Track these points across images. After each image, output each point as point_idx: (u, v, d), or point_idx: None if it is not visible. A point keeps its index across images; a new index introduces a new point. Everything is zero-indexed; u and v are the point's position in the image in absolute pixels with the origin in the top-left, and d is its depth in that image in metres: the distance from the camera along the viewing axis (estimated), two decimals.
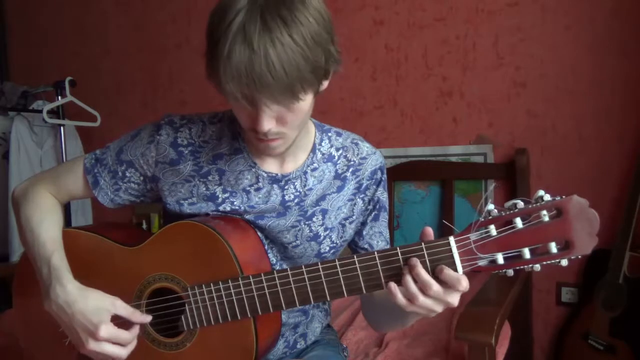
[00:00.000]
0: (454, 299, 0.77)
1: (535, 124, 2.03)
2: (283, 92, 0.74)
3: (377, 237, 1.04)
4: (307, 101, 0.80)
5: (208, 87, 0.81)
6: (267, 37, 0.71)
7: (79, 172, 1.00)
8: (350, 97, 2.33)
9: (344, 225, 1.01)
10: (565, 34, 1.96)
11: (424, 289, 0.75)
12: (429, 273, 0.76)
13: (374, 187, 1.02)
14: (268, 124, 0.78)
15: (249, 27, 0.71)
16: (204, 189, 0.96)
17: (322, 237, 0.99)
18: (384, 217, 1.05)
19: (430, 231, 0.79)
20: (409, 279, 0.76)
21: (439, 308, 0.78)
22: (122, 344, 0.87)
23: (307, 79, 0.75)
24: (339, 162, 1.00)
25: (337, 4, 2.31)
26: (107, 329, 0.84)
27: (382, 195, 1.04)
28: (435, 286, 0.75)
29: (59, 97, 2.60)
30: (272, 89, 0.73)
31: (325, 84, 0.84)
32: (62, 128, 2.67)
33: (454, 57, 2.15)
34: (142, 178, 0.98)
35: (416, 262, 0.76)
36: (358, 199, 1.01)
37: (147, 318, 0.90)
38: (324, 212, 0.98)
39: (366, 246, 1.04)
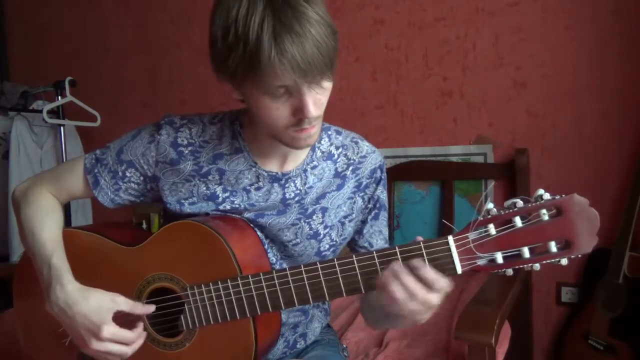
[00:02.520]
0: (434, 299, 0.75)
1: (535, 124, 2.03)
2: (328, 67, 0.77)
3: (377, 236, 1.04)
4: (332, 77, 0.82)
5: (208, 87, 0.82)
6: (302, 18, 0.73)
7: (79, 172, 1.00)
8: (350, 97, 2.33)
9: (343, 224, 1.01)
10: (565, 34, 1.96)
11: (412, 296, 0.74)
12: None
13: (374, 185, 1.02)
14: (315, 108, 0.79)
15: (284, 17, 0.72)
16: (204, 188, 0.96)
17: (322, 235, 0.99)
18: (384, 215, 1.05)
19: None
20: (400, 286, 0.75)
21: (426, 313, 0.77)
22: (125, 343, 0.87)
23: (336, 48, 0.78)
24: (338, 160, 1.00)
25: (336, 4, 2.31)
26: (109, 329, 0.84)
27: (382, 194, 1.04)
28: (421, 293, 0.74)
29: (59, 97, 2.60)
30: (322, 65, 0.75)
31: None
32: (62, 128, 2.66)
33: (454, 57, 2.15)
34: (142, 178, 0.98)
35: (400, 270, 0.75)
36: (358, 198, 1.01)
37: (150, 308, 0.90)
38: (324, 210, 0.98)
39: (366, 244, 1.04)
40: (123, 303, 0.87)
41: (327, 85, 0.81)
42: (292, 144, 0.87)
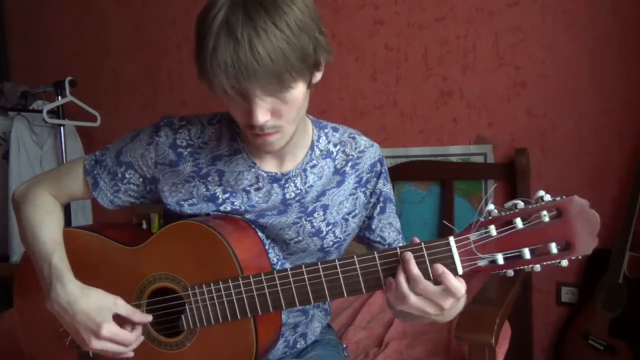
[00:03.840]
0: (446, 302, 0.76)
1: (535, 124, 2.03)
2: (271, 81, 0.74)
3: (388, 229, 1.04)
4: (299, 91, 0.80)
5: None
6: (250, 26, 0.72)
7: (79, 174, 1.00)
8: (350, 97, 2.33)
9: (347, 220, 1.01)
10: (565, 34, 1.96)
11: (413, 287, 0.75)
12: (429, 274, 0.76)
13: (375, 179, 1.02)
14: (263, 117, 0.78)
15: (232, 19, 0.72)
16: (204, 189, 0.96)
17: (324, 233, 0.99)
18: (391, 208, 1.05)
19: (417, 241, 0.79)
20: (401, 277, 0.76)
21: (430, 309, 0.76)
22: (124, 344, 0.87)
23: (295, 66, 0.75)
24: (337, 157, 1.00)
25: (336, 4, 2.30)
26: (109, 328, 0.85)
27: (385, 187, 1.03)
28: (422, 283, 0.75)
29: (59, 97, 2.59)
30: (260, 77, 0.73)
31: (318, 75, 0.85)
32: (62, 128, 2.66)
33: (454, 57, 2.15)
34: (141, 180, 0.98)
35: (410, 257, 0.76)
36: (360, 193, 1.01)
37: (148, 318, 0.90)
38: (325, 208, 0.98)
39: (378, 239, 1.04)
40: (123, 307, 0.88)
41: (287, 97, 0.78)
42: (256, 146, 0.88)
